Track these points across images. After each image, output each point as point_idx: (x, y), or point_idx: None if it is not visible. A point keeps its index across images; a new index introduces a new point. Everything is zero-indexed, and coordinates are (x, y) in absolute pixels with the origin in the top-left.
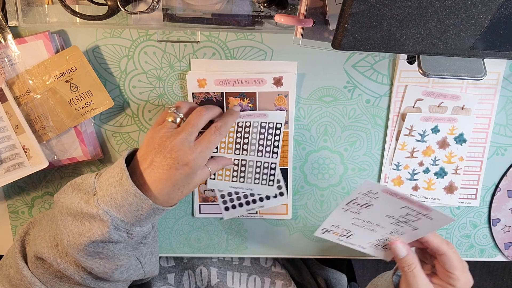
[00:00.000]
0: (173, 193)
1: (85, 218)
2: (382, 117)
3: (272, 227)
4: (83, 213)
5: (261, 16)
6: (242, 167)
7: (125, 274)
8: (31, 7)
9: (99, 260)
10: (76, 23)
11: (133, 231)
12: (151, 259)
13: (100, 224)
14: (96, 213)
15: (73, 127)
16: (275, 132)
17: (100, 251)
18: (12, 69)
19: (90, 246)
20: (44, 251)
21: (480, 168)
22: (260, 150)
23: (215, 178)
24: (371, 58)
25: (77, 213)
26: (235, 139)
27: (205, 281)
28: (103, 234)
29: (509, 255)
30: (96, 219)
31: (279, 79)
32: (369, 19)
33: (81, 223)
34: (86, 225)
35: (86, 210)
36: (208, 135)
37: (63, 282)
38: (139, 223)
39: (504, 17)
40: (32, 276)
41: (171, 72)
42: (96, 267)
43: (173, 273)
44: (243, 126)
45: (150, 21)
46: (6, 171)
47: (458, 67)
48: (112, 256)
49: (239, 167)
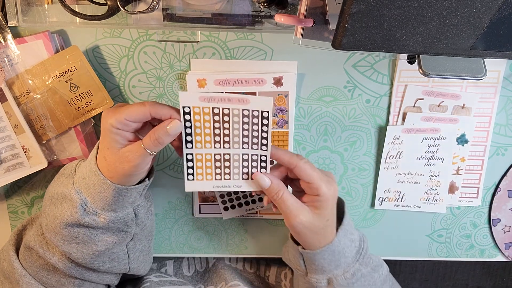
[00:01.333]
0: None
1: (58, 201)
2: (382, 117)
3: (272, 227)
4: (58, 195)
5: (261, 16)
6: (226, 162)
7: (107, 264)
8: (30, 7)
9: (75, 245)
10: (76, 23)
11: (105, 216)
12: (139, 257)
13: (70, 204)
14: (68, 192)
15: (72, 127)
16: (261, 122)
17: (76, 235)
18: (11, 69)
19: (65, 230)
20: (31, 239)
21: (481, 167)
22: (245, 141)
23: (194, 179)
24: (371, 58)
25: (54, 196)
26: (213, 130)
27: (204, 264)
28: (73, 215)
29: (509, 255)
30: (66, 199)
31: (279, 79)
32: (369, 19)
33: (55, 206)
34: (58, 207)
35: (60, 190)
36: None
37: (50, 275)
38: (110, 207)
39: (504, 17)
40: (23, 269)
41: (171, 72)
42: (73, 252)
43: (172, 259)
44: (220, 114)
45: (150, 21)
46: (6, 171)
47: (458, 67)
48: (88, 241)
49: (222, 162)
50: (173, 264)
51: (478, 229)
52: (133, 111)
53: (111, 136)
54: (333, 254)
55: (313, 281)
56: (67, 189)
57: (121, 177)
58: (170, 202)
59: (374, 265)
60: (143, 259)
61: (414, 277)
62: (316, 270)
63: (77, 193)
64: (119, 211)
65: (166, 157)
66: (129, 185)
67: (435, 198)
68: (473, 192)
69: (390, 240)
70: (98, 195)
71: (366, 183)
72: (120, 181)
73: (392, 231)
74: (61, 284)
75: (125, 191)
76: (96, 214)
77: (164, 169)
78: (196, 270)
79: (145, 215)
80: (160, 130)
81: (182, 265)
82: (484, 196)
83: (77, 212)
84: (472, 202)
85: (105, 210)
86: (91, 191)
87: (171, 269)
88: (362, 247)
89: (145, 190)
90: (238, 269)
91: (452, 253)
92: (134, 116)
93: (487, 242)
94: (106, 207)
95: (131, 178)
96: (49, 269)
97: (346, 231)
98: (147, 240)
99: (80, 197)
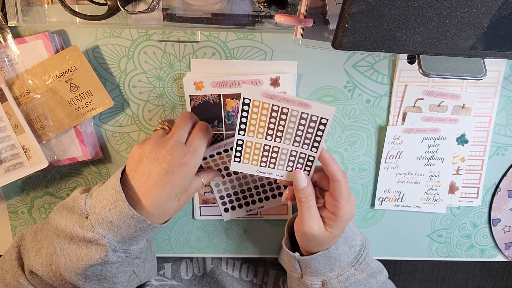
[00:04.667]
0: (171, 202)
1: (82, 242)
2: (382, 117)
3: (272, 227)
4: (79, 237)
5: (261, 16)
6: (274, 153)
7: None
8: (30, 7)
9: (97, 282)
10: (76, 23)
11: (131, 250)
12: (145, 266)
13: (98, 248)
14: (93, 238)
15: (73, 127)
16: (318, 127)
17: (99, 273)
18: (11, 69)
19: (89, 270)
20: (39, 267)
21: (481, 167)
22: (297, 140)
23: (240, 161)
24: (371, 58)
25: (73, 237)
26: (267, 124)
27: (201, 268)
28: (102, 258)
29: (509, 255)
30: (93, 243)
31: (276, 79)
32: (369, 19)
33: (78, 246)
34: (83, 248)
35: (82, 234)
36: (196, 132)
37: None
38: (136, 241)
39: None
40: (29, 284)
41: (171, 72)
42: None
43: (170, 262)
44: (278, 111)
45: (150, 21)
46: (6, 171)
47: (458, 67)
48: (110, 276)
49: (270, 153)
50: (171, 267)
51: (478, 229)
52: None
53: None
54: (329, 259)
55: (308, 283)
56: (88, 234)
57: (165, 211)
58: None
59: (372, 272)
60: (149, 266)
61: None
62: (312, 273)
63: (104, 237)
64: (141, 242)
65: None
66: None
67: (435, 198)
68: (473, 192)
69: (390, 240)
70: (132, 234)
71: (366, 183)
72: (159, 217)
73: (392, 231)
74: None
75: (157, 228)
76: (125, 252)
77: None
78: (194, 274)
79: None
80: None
81: (180, 268)
82: (484, 196)
83: (107, 255)
84: (472, 202)
85: (131, 245)
86: (122, 232)
87: (169, 272)
88: (361, 253)
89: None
90: (235, 277)
91: (452, 253)
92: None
93: (487, 242)
94: (133, 242)
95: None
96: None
97: (347, 238)
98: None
99: (108, 241)
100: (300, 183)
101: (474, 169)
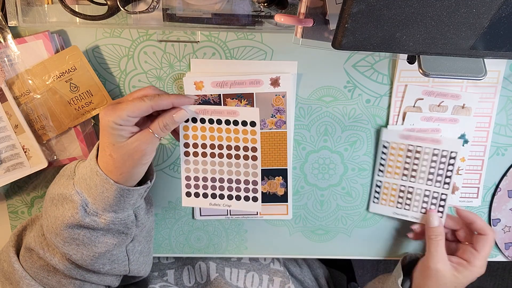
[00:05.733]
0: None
1: (59, 202)
2: (382, 117)
3: (272, 227)
4: (59, 196)
5: (261, 16)
6: (409, 194)
7: (108, 266)
8: (30, 7)
9: (76, 247)
10: (76, 23)
11: (106, 216)
12: (140, 258)
13: (70, 205)
14: (69, 194)
15: (73, 127)
16: (448, 162)
17: (76, 237)
18: (12, 69)
19: (66, 231)
20: (32, 240)
21: (482, 166)
22: (430, 178)
23: (378, 202)
24: (371, 58)
25: (54, 197)
26: (403, 164)
27: (204, 276)
28: (73, 216)
29: (509, 255)
30: (67, 200)
31: (276, 79)
32: (369, 19)
33: (56, 207)
34: (59, 208)
35: (61, 191)
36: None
37: (51, 276)
38: (111, 208)
39: (504, 17)
40: (23, 270)
41: (171, 72)
42: (73, 253)
43: (173, 269)
44: (413, 151)
45: (150, 21)
46: (6, 171)
47: (458, 67)
48: (88, 242)
49: (405, 193)
50: (174, 274)
51: None
52: (135, 108)
53: (114, 133)
54: None
55: None
56: (67, 190)
57: (131, 170)
58: (170, 202)
59: None
60: (143, 260)
61: None
62: None
63: (78, 194)
64: (120, 212)
65: (166, 157)
66: (131, 186)
67: None
68: (473, 192)
69: (390, 240)
70: (100, 195)
71: (366, 183)
72: (127, 178)
73: (392, 231)
74: (61, 285)
75: (127, 192)
76: (97, 215)
77: (164, 169)
78: (197, 282)
79: (145, 216)
80: (168, 118)
81: (182, 275)
82: (484, 196)
83: (78, 213)
84: (472, 202)
85: (106, 211)
86: (92, 192)
87: (172, 278)
88: None
89: (146, 192)
90: (239, 287)
91: None
92: (137, 113)
93: None
94: (107, 208)
95: (140, 169)
96: (49, 270)
97: None
98: (146, 241)
99: (81, 198)
100: (432, 222)
101: (474, 169)
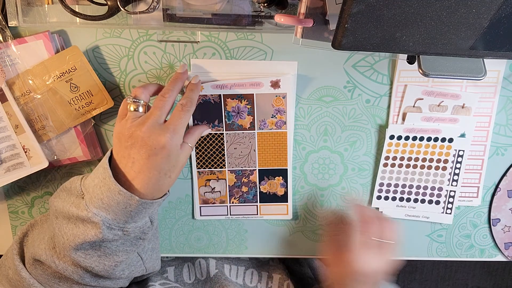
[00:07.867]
0: (161, 180)
1: (78, 221)
2: (382, 117)
3: (272, 227)
4: (75, 217)
5: (261, 16)
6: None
7: (127, 271)
8: (31, 7)
9: (97, 258)
10: (76, 23)
11: (127, 228)
12: (152, 255)
13: (92, 225)
14: (86, 216)
15: (73, 127)
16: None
17: (97, 249)
18: (12, 69)
19: (88, 246)
20: (42, 253)
21: (481, 167)
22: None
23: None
24: (371, 58)
25: (70, 217)
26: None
27: (204, 272)
28: (97, 235)
29: (509, 255)
30: (85, 222)
31: (276, 82)
32: (369, 19)
33: (75, 225)
34: (80, 227)
35: (77, 213)
36: (176, 113)
37: (62, 283)
38: (132, 219)
39: (504, 17)
40: (31, 277)
41: (171, 72)
42: (95, 265)
43: (173, 266)
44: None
45: (150, 21)
46: (6, 171)
47: (458, 67)
48: (110, 253)
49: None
50: (174, 271)
51: (478, 229)
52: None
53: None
54: None
55: None
56: (82, 212)
57: (160, 189)
58: (170, 202)
59: None
60: (156, 256)
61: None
62: None
63: (96, 215)
64: (139, 221)
65: None
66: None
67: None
68: (473, 192)
69: None
70: (122, 211)
71: (366, 183)
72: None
73: None
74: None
75: (150, 204)
76: (119, 229)
77: None
78: (197, 278)
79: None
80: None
81: (182, 272)
82: (484, 196)
83: (102, 232)
84: (472, 202)
85: (127, 223)
86: (113, 209)
87: (172, 275)
88: None
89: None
90: (239, 284)
91: (452, 253)
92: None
93: (487, 242)
94: (129, 220)
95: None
96: (60, 277)
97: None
98: (155, 238)
99: (101, 218)
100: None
101: (474, 169)
